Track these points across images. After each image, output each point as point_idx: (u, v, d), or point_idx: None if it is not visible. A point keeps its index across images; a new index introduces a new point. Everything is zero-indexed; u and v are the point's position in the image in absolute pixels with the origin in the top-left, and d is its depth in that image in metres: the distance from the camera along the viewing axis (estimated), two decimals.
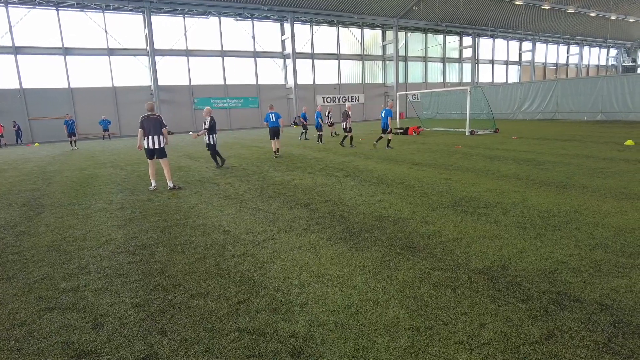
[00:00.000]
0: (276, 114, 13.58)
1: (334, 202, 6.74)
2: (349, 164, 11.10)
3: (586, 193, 6.56)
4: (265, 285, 3.72)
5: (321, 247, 4.63)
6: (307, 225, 5.48)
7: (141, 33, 33.65)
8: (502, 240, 4.54)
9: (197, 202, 7.29)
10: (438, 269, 3.84)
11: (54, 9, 30.51)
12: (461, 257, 4.10)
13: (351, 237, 4.90)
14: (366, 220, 5.57)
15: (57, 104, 31.12)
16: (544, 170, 8.76)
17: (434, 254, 4.22)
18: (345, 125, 15.85)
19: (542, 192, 6.79)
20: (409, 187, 7.63)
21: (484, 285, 3.46)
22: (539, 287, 3.37)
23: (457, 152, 12.54)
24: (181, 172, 11.14)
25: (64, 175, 11.83)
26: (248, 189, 8.26)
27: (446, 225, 5.20)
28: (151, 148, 8.47)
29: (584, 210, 5.59)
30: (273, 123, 13.41)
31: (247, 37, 38.31)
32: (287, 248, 4.66)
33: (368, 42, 45.12)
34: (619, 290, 3.26)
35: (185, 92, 36.19)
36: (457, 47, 50.80)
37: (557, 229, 4.81)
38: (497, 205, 6.01)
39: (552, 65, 59.54)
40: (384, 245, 4.55)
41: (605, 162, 9.47)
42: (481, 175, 8.57)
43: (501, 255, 4.11)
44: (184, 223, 5.97)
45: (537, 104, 29.29)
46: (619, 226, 4.82)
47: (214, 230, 5.55)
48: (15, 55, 29.86)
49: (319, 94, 42.55)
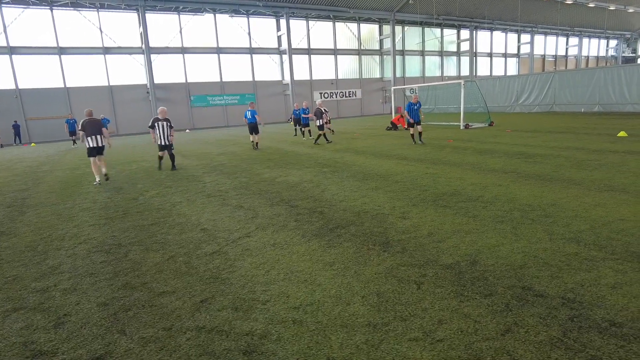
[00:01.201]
0: (252, 112, 15.41)
1: (316, 199, 6.72)
2: (339, 160, 11.06)
3: (570, 186, 6.52)
4: (232, 283, 3.70)
5: (295, 244, 4.61)
6: (285, 222, 5.46)
7: (136, 31, 33.55)
8: (477, 234, 4.51)
9: (180, 200, 7.27)
10: (406, 265, 3.82)
11: (48, 8, 30.43)
12: (432, 252, 4.07)
13: (327, 234, 4.87)
14: (345, 216, 5.54)
15: (54, 103, 31.13)
16: (532, 164, 8.70)
17: (405, 250, 4.19)
18: (319, 123, 15.79)
19: (526, 185, 6.74)
20: (394, 182, 7.59)
21: (449, 280, 3.44)
22: (505, 282, 3.34)
23: (447, 147, 12.48)
24: (167, 170, 11.11)
25: (55, 175, 11.83)
26: (233, 186, 8.23)
27: (423, 220, 5.17)
28: (94, 147, 9.39)
29: (565, 203, 5.55)
30: (250, 120, 15.23)
31: (243, 33, 38.17)
32: (260, 246, 4.63)
33: (365, 37, 44.90)
34: (583, 284, 3.22)
35: (181, 90, 36.13)
36: (454, 40, 50.52)
37: (534, 223, 4.77)
38: (479, 200, 5.97)
39: (551, 57, 59.17)
40: (357, 242, 4.52)
41: (595, 154, 9.41)
42: (468, 169, 8.52)
43: (473, 249, 4.08)
44: (164, 221, 5.95)
45: (535, 96, 29.13)
46: (596, 219, 4.78)
47: (192, 228, 5.53)
48: (10, 55, 29.84)
49: (316, 89, 42.43)
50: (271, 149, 15.17)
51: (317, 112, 16.04)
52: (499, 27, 51.65)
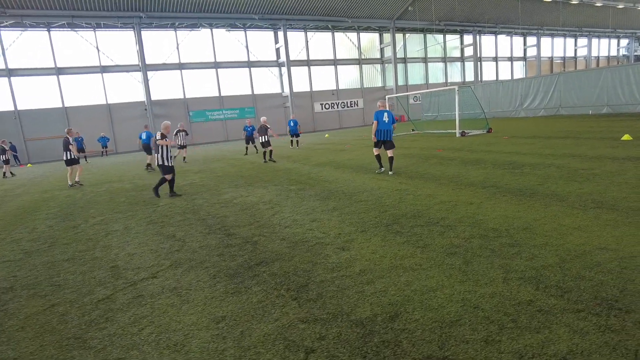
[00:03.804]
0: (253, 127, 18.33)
1: (261, 224, 5.93)
2: (314, 175, 10.27)
3: (552, 202, 5.60)
4: (91, 347, 2.93)
5: (197, 288, 3.82)
6: (206, 257, 4.68)
7: (133, 49, 33.59)
8: (417, 272, 3.66)
9: (117, 229, 6.57)
10: (310, 320, 2.99)
11: (46, 30, 30.66)
12: (351, 300, 3.24)
13: (243, 273, 4.08)
14: (277, 249, 4.73)
15: (52, 123, 31.14)
16: (517, 175, 7.78)
17: (320, 296, 3.37)
18: (263, 140, 14.75)
19: (501, 203, 5.84)
20: (356, 202, 6.76)
21: (350, 346, 2.60)
22: (422, 350, 2.50)
23: (434, 157, 11.58)
24: (134, 192, 10.48)
25: (20, 199, 11.31)
26: (183, 210, 7.50)
27: (363, 252, 4.33)
28: (65, 159, 12.34)
29: (539, 226, 4.65)
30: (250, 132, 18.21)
31: (241, 47, 37.98)
32: (157, 291, 3.86)
33: (365, 46, 44.34)
34: (524, 355, 2.35)
35: (180, 106, 35.95)
36: (458, 45, 49.59)
37: (493, 255, 3.90)
38: (439, 223, 5.11)
39: (559, 59, 57.70)
40: (270, 285, 3.71)
41: (591, 162, 8.43)
42: (444, 183, 7.64)
43: (402, 296, 3.23)
44: (81, 256, 5.24)
45: (540, 99, 27.95)
46: (570, 248, 3.89)
47: (104, 265, 4.80)
48: (9, 77, 30.06)
49: (316, 100, 41.91)
50: (254, 164, 14.47)
51: (261, 129, 14.95)
52: (503, 30, 50.58)
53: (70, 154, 12.19)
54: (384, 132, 9.00)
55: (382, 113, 9.02)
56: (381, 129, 9.00)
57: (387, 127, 8.98)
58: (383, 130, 9.00)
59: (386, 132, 8.99)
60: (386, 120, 8.97)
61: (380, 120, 9.00)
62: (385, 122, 8.97)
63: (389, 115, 9.02)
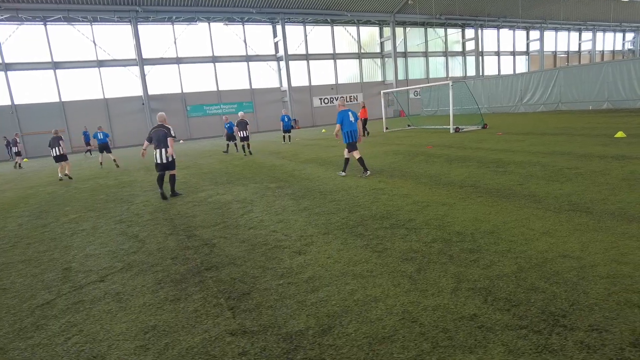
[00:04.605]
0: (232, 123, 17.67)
1: (226, 225, 5.77)
2: (297, 173, 10.09)
3: (527, 204, 5.39)
4: (9, 359, 2.78)
5: (139, 294, 3.66)
6: (159, 260, 4.53)
7: (131, 43, 33.39)
8: (364, 280, 3.48)
9: (84, 228, 6.43)
10: (238, 333, 2.83)
11: (42, 23, 30.51)
12: (288, 311, 3.07)
13: (190, 278, 3.92)
14: (234, 252, 4.57)
15: (49, 118, 31.09)
16: (500, 174, 7.56)
17: (258, 307, 3.20)
18: (244, 135, 15.74)
19: (474, 204, 5.64)
20: (330, 202, 6.58)
21: None
22: None
23: (422, 154, 11.35)
24: (116, 189, 10.35)
25: (3, 195, 11.22)
26: (154, 209, 7.35)
27: (319, 256, 4.16)
28: (54, 155, 13.20)
29: (507, 230, 4.45)
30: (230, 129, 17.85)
31: (239, 41, 37.69)
32: (100, 295, 3.73)
33: (365, 40, 43.89)
34: None
35: (177, 100, 35.80)
36: (459, 40, 49.01)
37: (450, 262, 3.71)
38: (405, 225, 4.91)
39: (563, 54, 56.91)
40: (211, 292, 3.55)
41: (579, 161, 8.18)
42: (423, 182, 7.43)
43: (343, 306, 3.06)
44: (39, 257, 5.11)
45: (539, 95, 27.53)
46: (532, 255, 3.69)
47: (59, 266, 4.67)
48: (5, 72, 30.00)
49: (315, 95, 41.62)
50: (242, 160, 14.31)
51: (240, 124, 15.76)
52: (505, 24, 49.90)
53: (58, 150, 13.00)
54: (352, 133, 8.50)
55: (346, 113, 8.47)
56: (350, 130, 8.48)
57: (354, 128, 8.53)
58: (352, 131, 8.50)
59: (354, 132, 8.54)
60: (352, 120, 8.50)
61: (347, 121, 8.45)
62: (352, 122, 8.50)
63: (353, 115, 8.57)
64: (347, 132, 8.48)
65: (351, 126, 8.49)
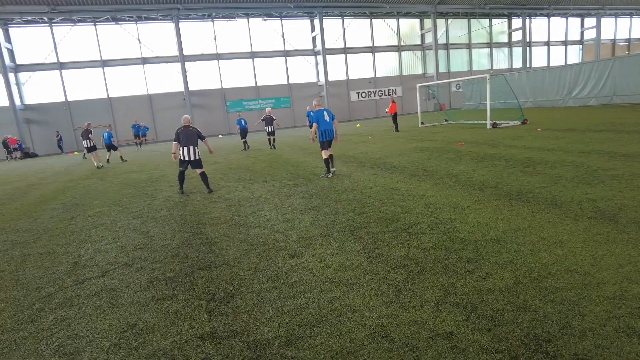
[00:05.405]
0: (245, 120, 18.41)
1: (235, 223, 5.81)
2: (318, 170, 10.01)
3: (546, 209, 5.00)
4: None
5: (131, 291, 3.76)
6: (159, 258, 4.63)
7: (173, 40, 34.57)
8: (350, 287, 3.36)
9: (106, 222, 6.72)
10: (208, 337, 2.82)
11: (92, 24, 32.28)
12: (263, 317, 3.02)
13: (181, 278, 3.98)
14: (231, 252, 4.59)
15: (98, 113, 32.94)
16: (527, 175, 7.09)
17: (237, 310, 3.18)
18: (270, 129, 16.99)
19: (489, 208, 5.31)
20: (340, 201, 6.46)
21: None
22: None
23: (451, 151, 10.90)
24: (146, 184, 10.76)
25: (45, 188, 12.01)
26: (173, 205, 7.56)
27: (312, 259, 4.08)
28: (86, 147, 16.60)
29: (515, 238, 4.15)
30: (243, 126, 18.01)
31: (277, 36, 37.98)
32: (96, 290, 3.87)
33: (405, 32, 42.79)
34: None
35: (217, 96, 36.72)
36: (505, 30, 46.59)
37: (443, 272, 3.51)
38: (410, 229, 4.72)
39: (623, 42, 52.58)
40: (198, 293, 3.58)
41: (618, 161, 7.51)
42: (442, 183, 7.12)
43: (318, 315, 2.97)
44: (57, 249, 5.40)
45: (590, 87, 25.62)
46: (534, 268, 3.41)
47: (69, 260, 4.90)
48: (60, 70, 32.08)
49: (352, 89, 41.22)
50: (271, 156, 14.44)
51: (267, 119, 16.86)
52: (556, 12, 46.81)
53: (88, 142, 16.41)
54: (328, 132, 8.61)
55: (321, 112, 8.57)
56: (325, 129, 8.58)
57: (329, 127, 8.61)
58: (327, 130, 8.60)
59: (330, 131, 8.63)
60: (327, 120, 8.59)
61: (322, 120, 8.55)
62: (327, 121, 8.59)
63: (328, 114, 8.65)
64: (323, 131, 8.62)
65: (326, 125, 8.61)
